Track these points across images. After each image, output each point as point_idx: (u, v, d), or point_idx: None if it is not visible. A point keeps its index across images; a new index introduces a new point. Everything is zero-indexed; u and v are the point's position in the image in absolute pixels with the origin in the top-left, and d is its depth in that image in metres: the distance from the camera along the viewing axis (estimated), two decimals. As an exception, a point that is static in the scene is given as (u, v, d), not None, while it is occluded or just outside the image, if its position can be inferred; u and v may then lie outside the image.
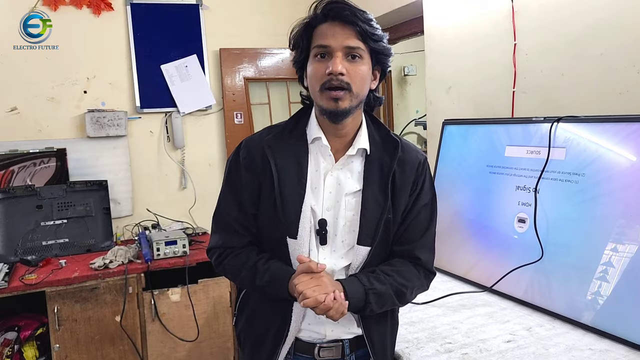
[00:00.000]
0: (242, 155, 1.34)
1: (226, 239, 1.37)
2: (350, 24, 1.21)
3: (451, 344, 1.56)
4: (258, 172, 1.31)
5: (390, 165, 1.31)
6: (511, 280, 1.89)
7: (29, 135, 3.17)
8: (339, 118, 1.26)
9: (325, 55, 1.23)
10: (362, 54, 1.23)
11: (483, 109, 2.42)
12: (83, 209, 3.09)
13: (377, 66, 1.30)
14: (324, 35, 1.23)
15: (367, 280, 1.26)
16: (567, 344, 1.53)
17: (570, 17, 1.99)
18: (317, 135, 1.30)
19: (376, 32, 1.24)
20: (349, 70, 1.21)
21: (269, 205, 1.30)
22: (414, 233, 1.37)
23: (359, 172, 1.32)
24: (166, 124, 3.48)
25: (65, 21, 3.19)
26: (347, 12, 1.21)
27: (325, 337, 1.35)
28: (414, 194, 1.35)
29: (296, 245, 1.28)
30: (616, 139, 1.66)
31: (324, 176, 1.31)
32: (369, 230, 1.29)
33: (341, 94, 1.21)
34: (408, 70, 5.07)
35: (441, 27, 2.66)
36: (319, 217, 1.29)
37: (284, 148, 1.31)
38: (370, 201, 1.30)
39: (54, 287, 2.60)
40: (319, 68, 1.23)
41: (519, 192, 1.93)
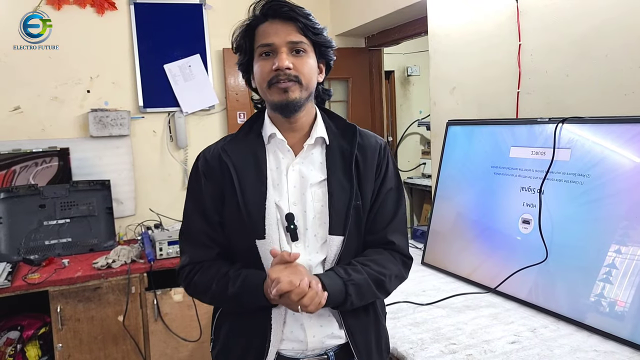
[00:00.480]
0: (201, 165, 1.33)
1: (194, 254, 1.32)
2: (291, 20, 1.24)
3: (455, 345, 1.56)
4: (218, 179, 1.30)
5: (351, 150, 1.31)
6: (515, 282, 1.88)
7: (32, 135, 3.17)
8: (291, 110, 1.26)
9: (269, 53, 1.24)
10: (306, 47, 1.26)
11: (487, 110, 2.42)
12: (86, 209, 3.09)
13: (321, 59, 1.32)
14: (266, 34, 1.25)
15: (344, 272, 1.23)
16: (572, 345, 1.53)
17: (575, 17, 1.98)
18: (272, 132, 1.30)
19: (316, 25, 1.27)
20: (295, 63, 1.23)
21: (232, 209, 1.27)
22: (383, 218, 1.35)
23: (321, 162, 1.32)
24: (169, 124, 3.48)
25: (68, 21, 3.19)
26: (285, 9, 1.24)
27: (307, 347, 1.29)
28: (379, 178, 1.34)
29: (267, 246, 1.24)
30: (621, 140, 1.65)
31: (286, 171, 1.30)
32: (339, 219, 1.27)
33: (290, 85, 1.22)
34: (411, 71, 5.07)
35: (445, 28, 2.65)
36: (285, 212, 1.26)
37: (241, 150, 1.31)
38: (336, 189, 1.28)
39: (57, 286, 2.60)
40: (265, 66, 1.24)
41: (524, 193, 1.93)
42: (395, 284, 1.36)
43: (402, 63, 5.05)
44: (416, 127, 5.01)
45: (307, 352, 1.30)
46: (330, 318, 1.31)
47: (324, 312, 1.29)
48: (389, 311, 1.83)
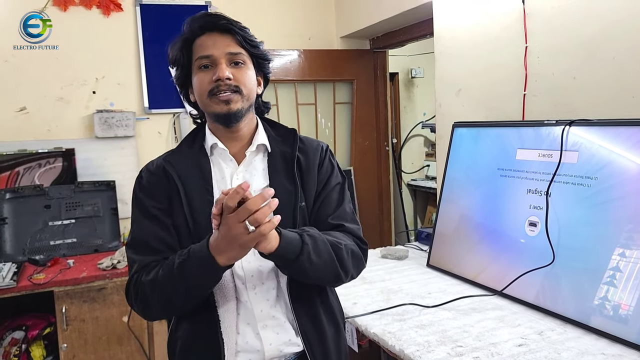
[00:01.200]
0: (145, 178, 1.31)
1: (142, 260, 1.25)
2: (228, 32, 1.25)
3: (462, 348, 1.55)
4: (164, 188, 1.27)
5: (292, 153, 1.33)
6: (522, 284, 1.87)
7: (38, 135, 3.18)
8: (233, 121, 1.26)
9: (209, 65, 1.24)
10: (245, 59, 1.27)
11: (493, 112, 2.42)
12: (91, 209, 3.09)
13: (259, 72, 1.33)
14: (204, 47, 1.25)
15: (298, 230, 1.21)
16: (580, 348, 1.52)
17: (582, 19, 1.98)
18: (213, 142, 1.30)
19: (253, 38, 1.29)
20: (235, 74, 1.24)
21: (181, 219, 1.25)
22: (326, 209, 1.34)
23: (263, 169, 1.32)
24: (174, 125, 3.49)
25: (74, 22, 3.20)
26: (223, 22, 1.25)
27: (264, 356, 1.26)
28: (324, 178, 1.35)
29: None
30: (629, 143, 1.65)
31: (230, 180, 1.30)
32: (286, 222, 1.24)
33: (232, 96, 1.23)
34: (415, 73, 5.07)
35: (451, 29, 2.65)
36: None
37: (184, 161, 1.30)
38: (280, 192, 1.20)
39: (62, 286, 2.60)
40: (205, 77, 1.24)
41: (530, 195, 1.92)
42: (353, 262, 1.30)
43: (406, 65, 5.05)
44: (420, 129, 5.01)
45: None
46: (286, 324, 1.29)
47: (280, 316, 1.28)
48: (394, 313, 1.84)
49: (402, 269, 2.37)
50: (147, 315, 1.30)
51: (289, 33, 3.79)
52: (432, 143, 4.94)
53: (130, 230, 1.32)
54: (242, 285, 1.26)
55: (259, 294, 1.27)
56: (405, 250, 2.58)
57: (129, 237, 1.32)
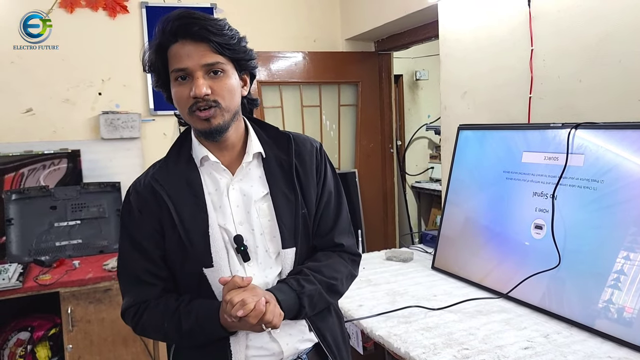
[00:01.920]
0: (133, 199, 1.25)
1: (137, 294, 1.24)
2: (203, 40, 1.14)
3: (468, 350, 1.56)
4: (154, 212, 1.22)
5: (289, 160, 1.28)
6: (528, 287, 1.87)
7: (44, 136, 3.20)
8: (217, 136, 1.20)
9: (185, 77, 1.16)
10: (224, 67, 1.17)
11: (499, 115, 2.42)
12: (96, 210, 3.11)
13: (244, 72, 1.25)
14: (178, 57, 1.15)
15: (296, 284, 1.21)
16: (586, 351, 1.52)
17: (588, 22, 1.98)
18: (204, 155, 1.24)
19: (231, 41, 1.17)
20: (214, 87, 1.15)
21: (174, 241, 1.21)
22: (328, 221, 1.33)
23: (260, 176, 1.28)
24: (179, 127, 3.49)
25: (80, 23, 3.22)
26: (196, 28, 1.13)
27: (283, 356, 1.27)
28: (320, 182, 1.33)
29: (214, 274, 1.20)
30: (635, 146, 1.65)
31: (227, 191, 1.25)
32: (289, 231, 1.25)
33: (211, 112, 1.16)
34: (420, 75, 5.07)
35: (457, 32, 2.65)
36: (233, 234, 1.22)
37: (172, 177, 1.24)
38: (281, 201, 1.25)
39: (67, 287, 2.61)
40: (182, 92, 1.16)
41: (536, 198, 1.92)
42: (348, 285, 1.35)
43: (410, 67, 5.05)
44: (424, 131, 5.00)
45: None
46: (298, 324, 1.29)
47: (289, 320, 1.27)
48: (400, 315, 1.84)
49: (407, 271, 2.37)
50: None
51: (294, 35, 3.80)
52: (437, 145, 4.94)
53: (119, 256, 1.29)
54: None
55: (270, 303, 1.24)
56: (410, 253, 2.58)
57: (118, 264, 1.29)
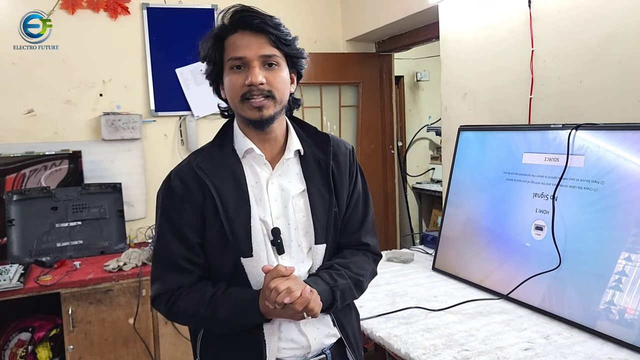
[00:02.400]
0: (175, 185, 1.26)
1: (172, 280, 1.26)
2: (262, 32, 1.20)
3: (468, 352, 1.55)
4: (196, 199, 1.24)
5: (327, 160, 1.32)
6: (528, 288, 1.87)
7: (45, 137, 3.20)
8: (265, 126, 1.24)
9: (241, 66, 1.20)
10: (279, 60, 1.23)
11: (499, 116, 2.42)
12: (97, 211, 3.10)
13: (293, 70, 1.30)
14: (237, 47, 1.20)
15: (329, 278, 1.26)
16: (586, 352, 1.52)
17: (588, 23, 1.98)
18: (248, 147, 1.27)
19: (288, 37, 1.24)
20: (268, 78, 1.20)
21: (216, 229, 1.24)
22: (355, 221, 1.39)
23: (297, 173, 1.32)
24: (180, 128, 3.50)
25: (82, 25, 3.22)
26: (257, 21, 1.20)
27: (309, 349, 1.30)
28: (352, 183, 1.38)
29: (253, 263, 1.23)
30: (636, 147, 1.65)
31: (266, 185, 1.28)
32: (322, 228, 1.29)
33: (264, 102, 1.20)
34: (421, 76, 5.06)
35: (457, 33, 2.66)
36: (271, 227, 1.26)
37: (217, 167, 1.26)
38: (317, 198, 1.30)
39: (68, 288, 2.61)
40: (237, 80, 1.20)
41: (537, 199, 1.92)
42: (369, 282, 1.41)
43: (411, 68, 5.05)
44: (425, 132, 5.00)
45: (308, 356, 1.32)
46: (325, 318, 1.33)
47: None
48: (400, 316, 1.84)
49: (407, 272, 2.37)
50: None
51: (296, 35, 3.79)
52: (437, 146, 4.94)
53: (157, 241, 1.30)
54: None
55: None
56: (411, 254, 2.58)
57: (155, 248, 1.31)
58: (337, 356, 1.36)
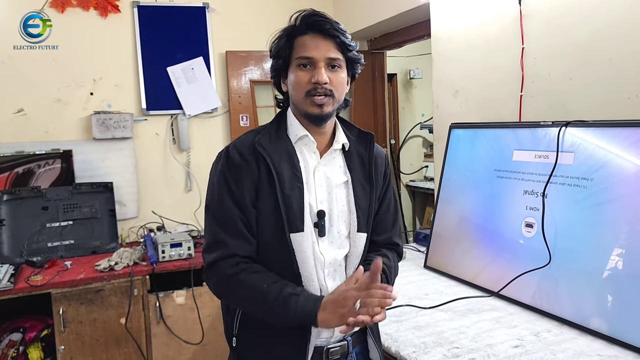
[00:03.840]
0: (234, 156, 1.33)
1: (237, 246, 1.31)
2: (331, 37, 1.31)
3: (458, 349, 1.56)
4: (254, 172, 1.32)
5: (369, 156, 1.44)
6: (518, 285, 1.88)
7: (36, 137, 3.18)
8: (323, 121, 1.35)
9: (307, 65, 1.31)
10: (341, 63, 1.33)
11: (490, 113, 2.42)
12: (89, 211, 3.09)
13: (349, 73, 1.39)
14: (307, 47, 1.31)
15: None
16: (576, 349, 1.52)
17: (579, 21, 1.98)
18: (303, 134, 1.36)
19: (351, 43, 1.35)
20: (331, 79, 1.31)
21: (270, 203, 1.31)
22: (389, 222, 1.51)
23: (341, 166, 1.42)
24: (172, 126, 3.48)
25: (71, 23, 3.20)
26: (327, 26, 1.31)
27: (333, 334, 1.38)
28: (385, 184, 1.50)
29: (301, 239, 1.31)
30: (625, 143, 1.65)
31: (313, 171, 1.37)
32: (364, 217, 1.40)
33: (325, 100, 1.30)
34: (414, 74, 5.06)
35: (448, 31, 2.65)
36: (316, 209, 1.35)
37: (275, 147, 1.35)
38: (359, 190, 1.40)
39: (59, 288, 2.60)
40: (304, 77, 1.31)
41: (527, 196, 1.93)
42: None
43: (404, 66, 5.05)
44: (419, 130, 5.00)
45: (331, 340, 1.39)
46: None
47: None
48: (391, 314, 1.84)
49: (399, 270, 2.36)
50: (218, 297, 1.39)
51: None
52: (431, 144, 4.94)
53: (214, 209, 1.35)
54: (321, 271, 1.35)
55: (335, 279, 1.38)
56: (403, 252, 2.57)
57: (213, 210, 1.35)
58: (357, 342, 1.44)
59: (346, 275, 1.39)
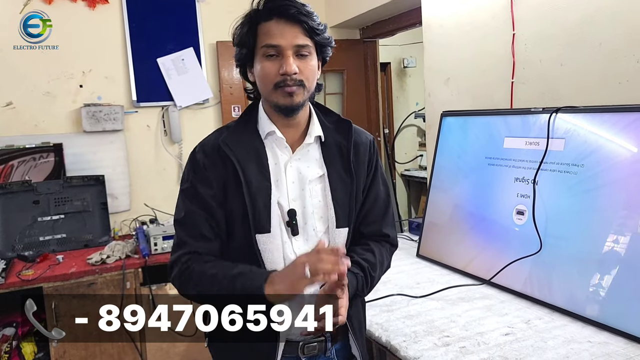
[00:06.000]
0: (200, 157, 1.29)
1: (196, 246, 1.27)
2: (297, 22, 1.23)
3: (449, 338, 1.55)
4: (220, 172, 1.27)
5: (348, 145, 1.35)
6: (510, 273, 1.87)
7: (25, 130, 3.15)
8: (294, 112, 1.28)
9: (274, 54, 1.23)
10: (310, 50, 1.25)
11: (482, 100, 2.40)
12: (80, 204, 3.07)
13: (319, 57, 1.31)
14: (272, 35, 1.23)
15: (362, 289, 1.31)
16: (566, 336, 1.52)
17: (569, 6, 1.96)
18: (270, 129, 1.30)
19: (320, 26, 1.26)
20: (300, 68, 1.23)
21: (237, 203, 1.26)
22: (379, 212, 1.41)
23: (317, 159, 1.34)
24: (163, 118, 3.46)
25: (59, 15, 3.16)
26: (293, 11, 1.22)
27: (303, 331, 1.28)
28: (370, 173, 1.40)
29: (269, 239, 1.26)
30: (616, 129, 1.64)
31: (284, 168, 1.31)
32: (343, 212, 1.32)
33: (295, 89, 1.23)
34: (407, 63, 5.04)
35: (439, 18, 2.63)
36: (287, 208, 1.29)
37: (241, 144, 1.29)
38: (337, 183, 1.32)
39: (51, 282, 2.58)
40: (271, 67, 1.23)
41: (518, 183, 1.91)
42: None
43: (398, 55, 5.02)
44: (413, 119, 4.99)
45: (307, 336, 1.31)
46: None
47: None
48: (382, 304, 1.84)
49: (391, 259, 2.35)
50: (182, 293, 1.33)
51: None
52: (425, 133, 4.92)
53: (181, 212, 1.31)
54: None
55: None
56: (396, 241, 2.56)
57: (179, 214, 1.31)
58: (337, 339, 1.37)
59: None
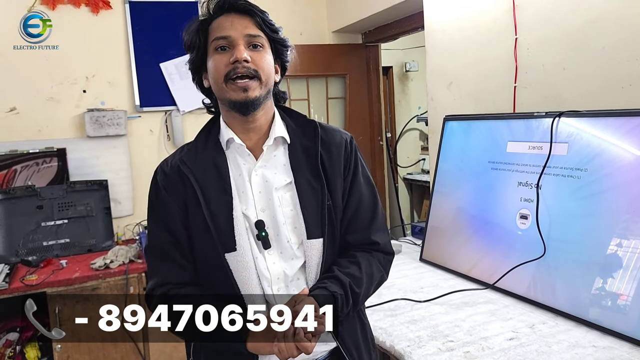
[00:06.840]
0: (160, 180, 1.25)
1: (167, 274, 1.21)
2: (247, 14, 1.20)
3: (453, 342, 1.55)
4: (180, 192, 1.22)
5: (315, 148, 1.25)
6: (514, 277, 1.87)
7: (29, 135, 3.16)
8: (250, 109, 1.19)
9: (226, 47, 1.18)
10: (264, 42, 1.21)
11: (484, 105, 2.40)
12: (84, 209, 3.08)
13: (277, 59, 1.26)
14: (222, 28, 1.19)
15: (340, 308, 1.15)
16: (570, 341, 1.51)
17: (571, 10, 1.96)
18: (229, 137, 1.23)
19: (273, 22, 1.23)
20: (254, 58, 1.17)
21: (198, 222, 1.20)
22: (364, 217, 1.28)
23: (284, 164, 1.25)
24: (166, 123, 3.47)
25: (63, 20, 3.18)
26: (242, 3, 1.20)
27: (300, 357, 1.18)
28: (349, 175, 1.28)
29: (238, 258, 1.18)
30: (619, 133, 1.64)
31: (249, 177, 1.23)
32: (314, 221, 1.21)
33: (249, 82, 1.16)
34: (410, 67, 5.05)
35: (442, 22, 2.63)
36: (254, 220, 1.20)
37: (200, 160, 1.24)
38: (306, 190, 1.22)
39: (54, 287, 2.59)
40: (221, 59, 1.18)
41: (521, 188, 1.91)
42: (375, 290, 1.32)
43: (400, 59, 5.03)
44: (415, 122, 4.99)
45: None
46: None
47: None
48: (386, 308, 1.83)
49: (394, 263, 2.29)
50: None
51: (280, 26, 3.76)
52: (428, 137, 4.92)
53: (149, 235, 1.29)
54: (269, 288, 1.20)
55: (285, 296, 1.17)
56: (399, 245, 2.57)
57: (148, 241, 1.29)
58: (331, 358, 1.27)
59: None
